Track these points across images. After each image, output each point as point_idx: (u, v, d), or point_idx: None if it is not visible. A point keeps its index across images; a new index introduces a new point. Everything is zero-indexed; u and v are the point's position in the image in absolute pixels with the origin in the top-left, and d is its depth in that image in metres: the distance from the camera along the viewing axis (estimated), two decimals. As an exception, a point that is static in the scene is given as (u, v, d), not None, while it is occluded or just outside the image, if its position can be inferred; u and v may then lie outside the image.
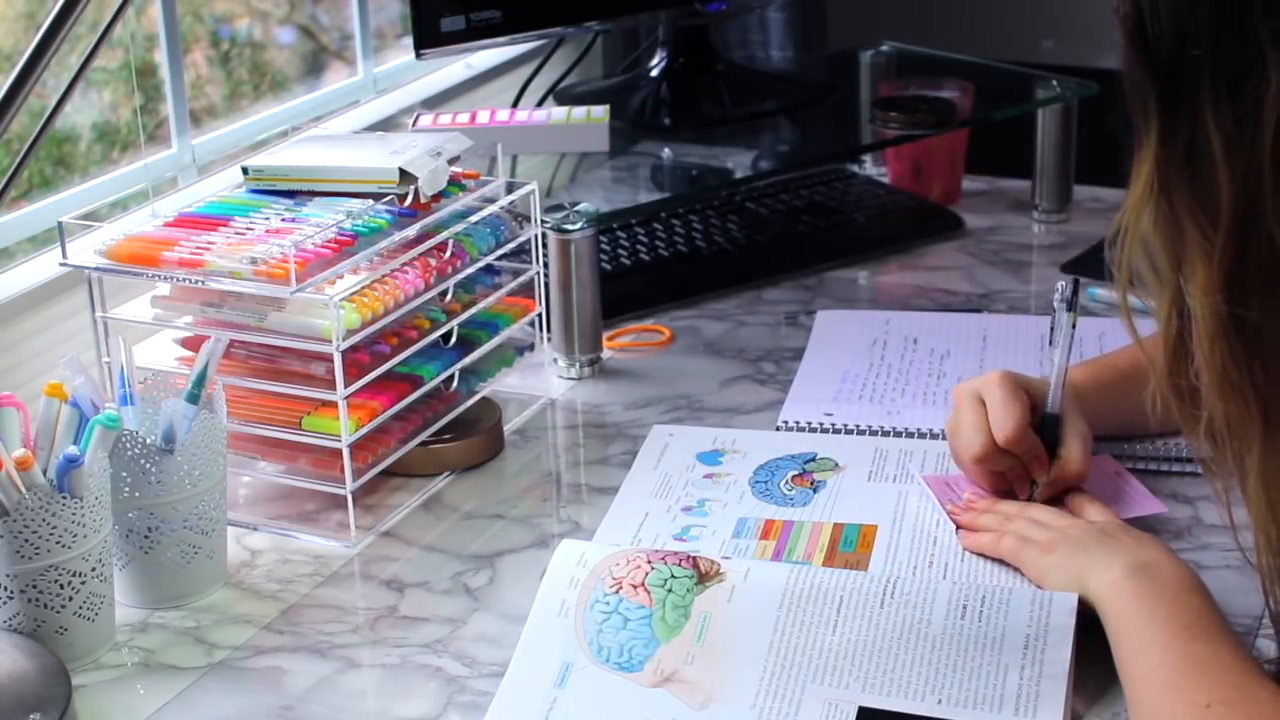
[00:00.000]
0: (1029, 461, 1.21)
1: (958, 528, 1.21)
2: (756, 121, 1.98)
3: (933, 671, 1.03)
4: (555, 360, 1.54)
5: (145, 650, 1.14)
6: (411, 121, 1.70)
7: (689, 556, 1.12)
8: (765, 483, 1.31)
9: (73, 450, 1.08)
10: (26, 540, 1.07)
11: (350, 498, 1.26)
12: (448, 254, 1.35)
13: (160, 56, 1.68)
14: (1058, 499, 1.22)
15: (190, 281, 1.24)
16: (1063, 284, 1.24)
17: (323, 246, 1.25)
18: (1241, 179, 0.85)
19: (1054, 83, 1.87)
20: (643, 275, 1.74)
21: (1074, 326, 1.23)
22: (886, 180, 1.99)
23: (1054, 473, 1.21)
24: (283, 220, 1.29)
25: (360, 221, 1.29)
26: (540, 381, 1.53)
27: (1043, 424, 1.22)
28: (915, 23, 2.47)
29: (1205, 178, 0.86)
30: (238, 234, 1.27)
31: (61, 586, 1.09)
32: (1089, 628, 1.05)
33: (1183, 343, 0.92)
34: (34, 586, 1.09)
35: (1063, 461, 1.21)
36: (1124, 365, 1.29)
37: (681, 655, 1.06)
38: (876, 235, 1.84)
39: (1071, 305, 1.23)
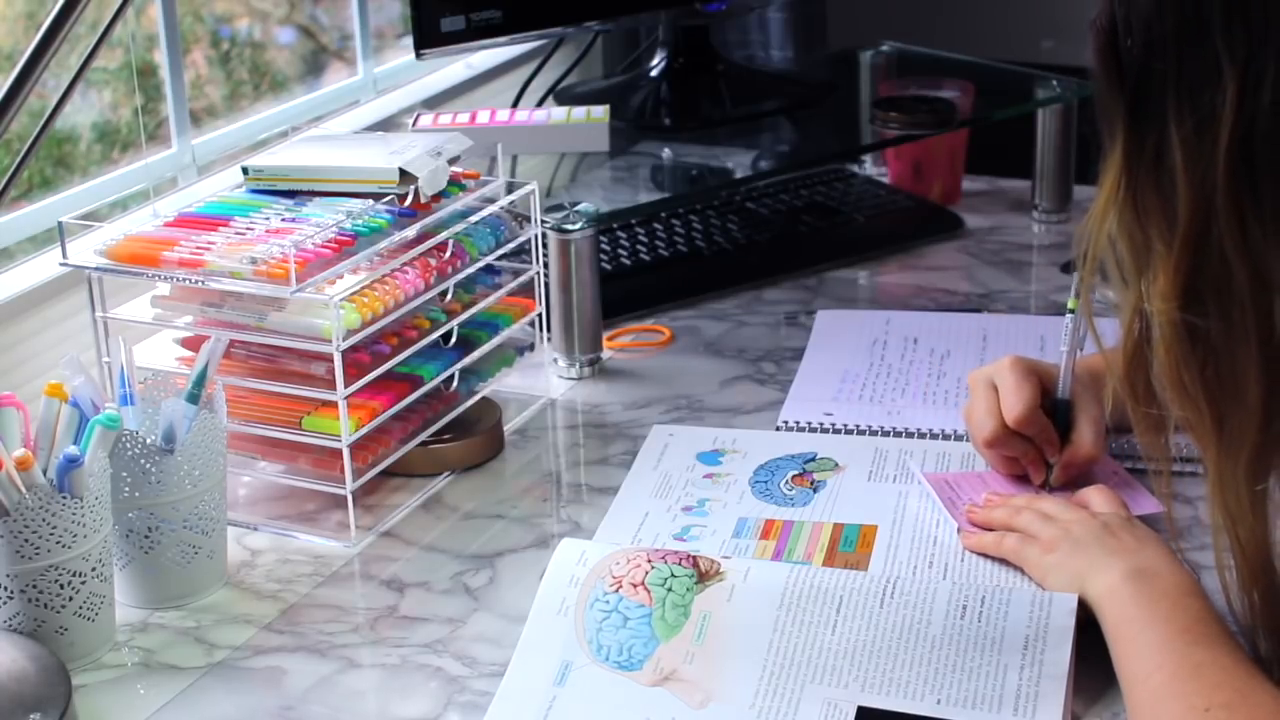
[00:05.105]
0: (1041, 444, 1.24)
1: (959, 528, 1.22)
2: (756, 121, 1.97)
3: (932, 671, 1.03)
4: (555, 360, 1.54)
5: (145, 650, 1.14)
6: (411, 121, 1.70)
7: (689, 556, 1.12)
8: (765, 483, 1.31)
9: (73, 450, 1.08)
10: (26, 540, 1.07)
11: (350, 498, 1.26)
12: (448, 254, 1.35)
13: (160, 56, 1.68)
14: (1074, 485, 1.23)
15: (190, 281, 1.24)
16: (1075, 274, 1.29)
17: (323, 246, 1.25)
18: (1198, 188, 0.87)
19: (1054, 83, 1.86)
20: (643, 275, 1.74)
21: (1074, 311, 1.26)
22: (886, 180, 1.99)
23: (1066, 455, 1.24)
24: (283, 220, 1.29)
25: (360, 221, 1.29)
26: (540, 381, 1.53)
27: (1054, 409, 1.25)
28: (915, 23, 2.48)
29: (1168, 187, 0.89)
30: (238, 234, 1.27)
31: (61, 586, 1.10)
32: (1089, 628, 1.05)
33: (1142, 347, 0.95)
34: (34, 586, 1.09)
35: (1074, 445, 1.24)
36: None
37: (681, 654, 1.06)
38: (876, 235, 1.84)
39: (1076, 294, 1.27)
